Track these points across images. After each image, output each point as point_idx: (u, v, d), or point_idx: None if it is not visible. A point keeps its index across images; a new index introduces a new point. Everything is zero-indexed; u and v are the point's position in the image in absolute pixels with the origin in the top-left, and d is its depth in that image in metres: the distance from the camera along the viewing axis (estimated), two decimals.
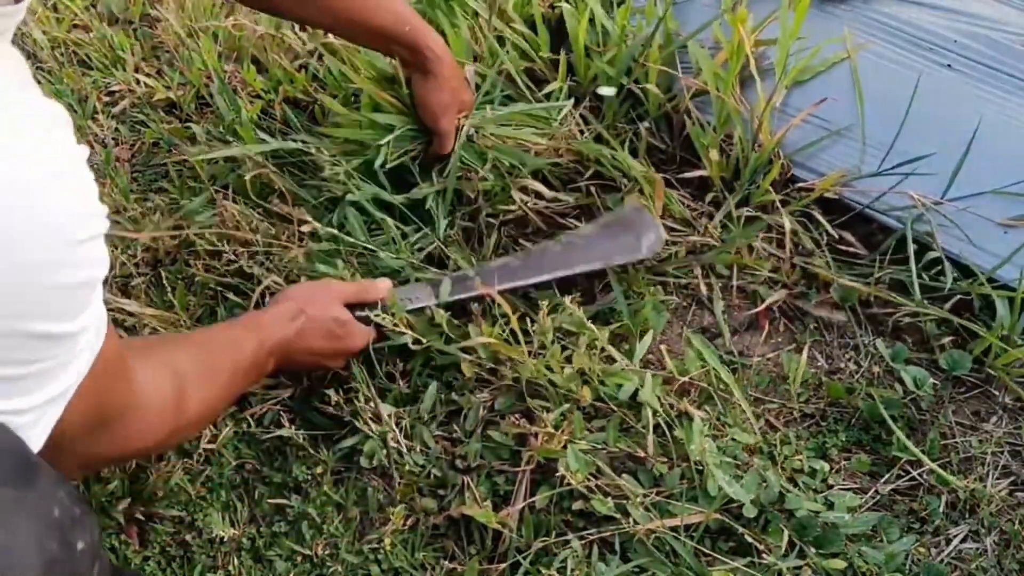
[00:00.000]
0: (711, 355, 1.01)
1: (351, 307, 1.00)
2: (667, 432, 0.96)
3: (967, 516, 0.95)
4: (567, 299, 1.02)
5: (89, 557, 0.57)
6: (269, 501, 0.98)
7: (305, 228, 1.12)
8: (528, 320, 1.05)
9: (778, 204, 1.13)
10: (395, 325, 0.99)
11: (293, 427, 0.99)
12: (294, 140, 1.20)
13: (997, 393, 1.03)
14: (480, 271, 1.07)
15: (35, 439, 0.57)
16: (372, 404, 0.99)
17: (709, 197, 1.18)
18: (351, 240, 1.11)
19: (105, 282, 0.60)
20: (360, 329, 0.99)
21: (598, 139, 1.21)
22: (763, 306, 1.10)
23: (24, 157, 0.49)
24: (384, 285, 1.03)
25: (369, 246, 1.11)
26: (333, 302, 0.98)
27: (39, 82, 1.36)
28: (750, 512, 0.89)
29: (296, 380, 1.04)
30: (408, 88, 1.16)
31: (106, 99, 1.43)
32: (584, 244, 1.08)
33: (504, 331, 1.00)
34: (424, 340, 0.99)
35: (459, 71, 1.15)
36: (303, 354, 0.96)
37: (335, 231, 1.11)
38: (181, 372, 0.78)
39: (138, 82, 1.41)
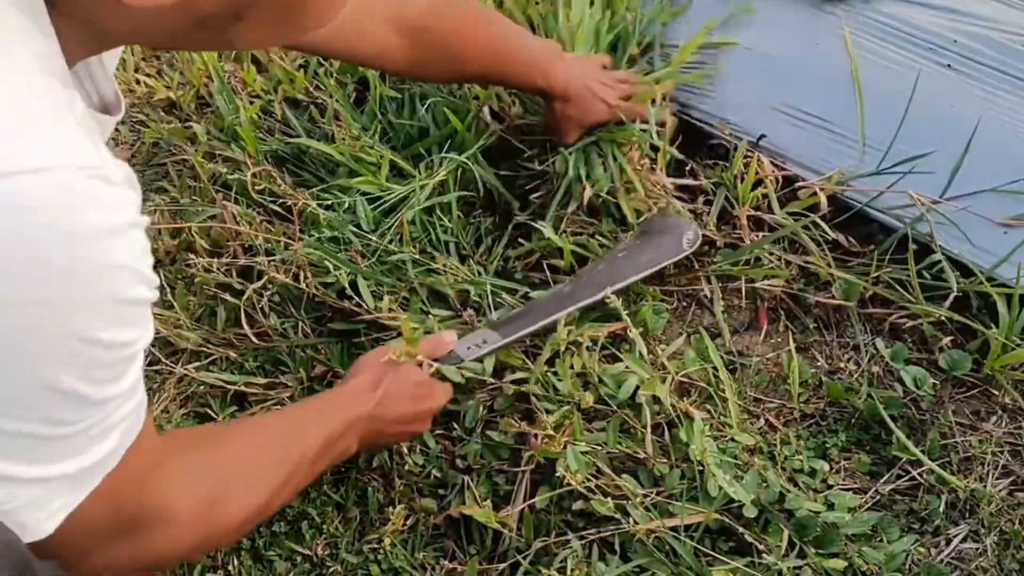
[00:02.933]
0: (714, 353, 1.01)
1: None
2: (667, 432, 0.96)
3: (967, 516, 0.95)
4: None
5: None
6: None
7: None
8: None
9: (775, 205, 1.13)
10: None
11: None
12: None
13: (997, 393, 1.03)
14: (535, 304, 1.05)
15: (44, 523, 0.54)
16: None
17: (701, 199, 1.18)
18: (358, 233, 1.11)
19: None
20: (440, 386, 0.95)
21: None
22: (763, 306, 1.10)
23: (110, 207, 0.48)
24: (450, 337, 0.99)
25: (372, 239, 1.11)
26: (408, 364, 0.93)
27: None
28: (750, 512, 0.89)
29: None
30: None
31: None
32: (628, 256, 1.09)
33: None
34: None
35: (587, 101, 1.14)
36: (390, 424, 0.90)
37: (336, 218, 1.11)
38: (223, 478, 0.71)
39: (138, 82, 1.41)
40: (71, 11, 0.50)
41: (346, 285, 1.06)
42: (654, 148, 1.18)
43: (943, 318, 1.04)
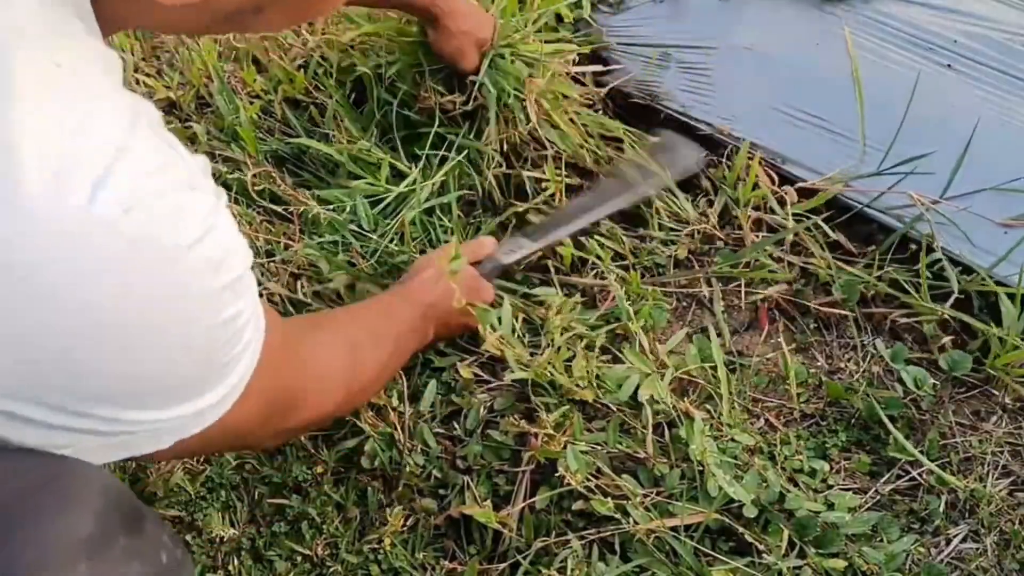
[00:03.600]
0: (716, 351, 1.01)
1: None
2: (667, 432, 0.96)
3: (967, 516, 0.95)
4: (571, 300, 1.02)
5: None
6: (269, 501, 0.98)
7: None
8: (525, 319, 1.05)
9: (775, 205, 1.13)
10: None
11: None
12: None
13: (997, 393, 1.03)
14: (562, 213, 1.13)
15: (185, 430, 0.57)
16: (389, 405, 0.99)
17: (703, 199, 1.18)
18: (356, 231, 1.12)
19: None
20: (486, 283, 1.05)
21: None
22: (763, 306, 1.10)
23: (198, 214, 0.50)
24: (490, 241, 1.09)
25: (374, 237, 1.11)
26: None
27: None
28: (750, 512, 0.89)
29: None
30: (425, 37, 1.19)
31: None
32: (643, 170, 1.16)
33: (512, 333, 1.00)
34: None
35: (474, 15, 1.16)
36: (453, 314, 0.98)
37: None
38: (351, 339, 0.83)
39: (138, 82, 1.41)
40: (101, 5, 0.51)
41: (341, 290, 1.06)
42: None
43: (946, 316, 1.04)
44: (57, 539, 0.46)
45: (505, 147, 1.19)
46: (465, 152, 1.18)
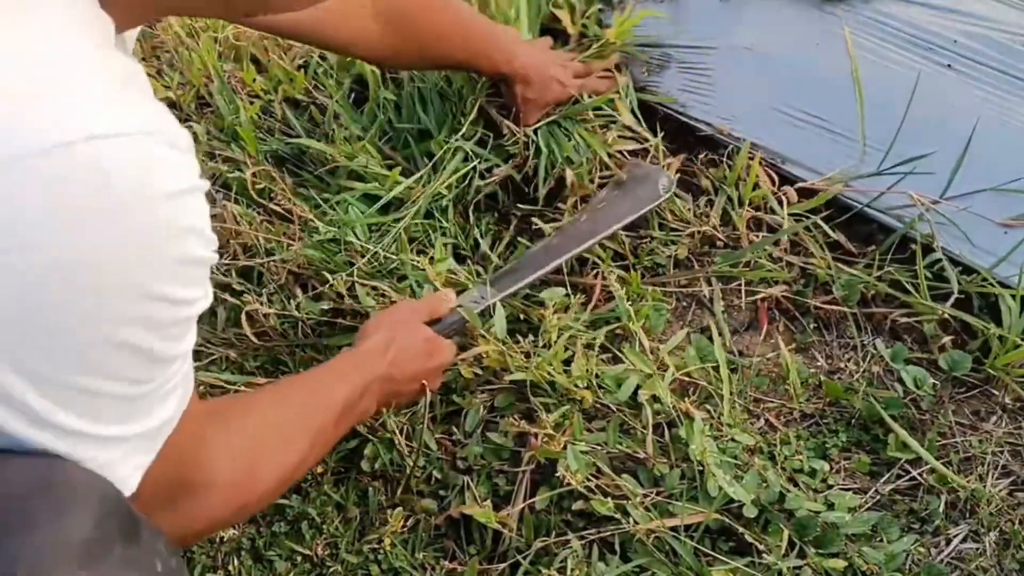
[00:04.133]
0: (719, 350, 1.01)
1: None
2: (667, 432, 0.96)
3: (967, 516, 0.95)
4: (570, 300, 1.02)
5: None
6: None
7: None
8: (525, 319, 1.05)
9: (775, 206, 1.13)
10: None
11: None
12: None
13: (997, 393, 1.03)
14: (526, 258, 1.11)
15: (128, 481, 0.54)
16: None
17: (704, 199, 1.18)
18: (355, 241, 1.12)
19: None
20: (446, 343, 0.98)
21: None
22: (763, 306, 1.10)
23: (180, 172, 0.49)
24: (449, 296, 1.03)
25: (369, 246, 1.11)
26: (415, 323, 0.97)
27: None
28: (750, 512, 0.89)
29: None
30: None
31: None
32: (608, 206, 1.15)
33: (505, 339, 1.00)
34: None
35: (545, 70, 1.19)
36: (404, 383, 0.93)
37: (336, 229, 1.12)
38: (257, 442, 0.72)
39: None
40: None
41: (343, 291, 1.07)
42: (612, 120, 1.22)
43: (946, 316, 1.04)
44: (54, 544, 0.46)
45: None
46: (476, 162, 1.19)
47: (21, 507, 0.46)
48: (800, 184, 1.16)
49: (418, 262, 1.10)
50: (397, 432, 0.97)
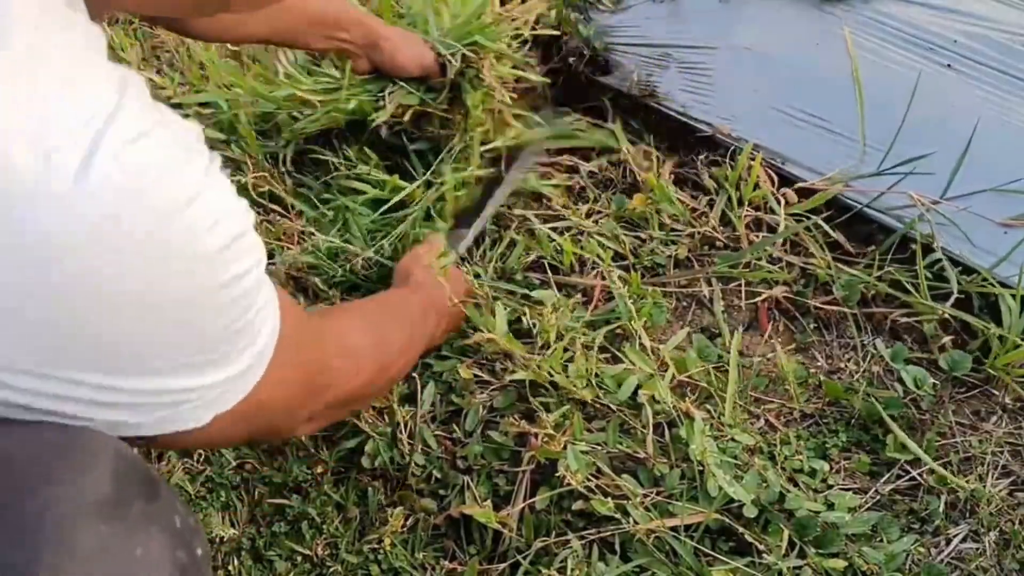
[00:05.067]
0: (730, 353, 1.01)
1: None
2: (667, 432, 0.96)
3: (967, 516, 0.95)
4: (570, 300, 1.02)
5: (207, 562, 0.58)
6: (269, 501, 0.98)
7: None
8: (523, 319, 1.05)
9: (775, 206, 1.13)
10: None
11: None
12: None
13: (997, 393, 1.03)
14: (477, 200, 1.19)
15: (221, 403, 0.57)
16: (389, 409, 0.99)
17: (704, 199, 1.18)
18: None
19: None
20: (464, 277, 1.08)
21: None
22: (763, 306, 1.10)
23: (189, 175, 0.50)
24: (439, 238, 1.11)
25: (370, 254, 1.11)
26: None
27: None
28: (750, 512, 0.89)
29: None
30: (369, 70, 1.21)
31: None
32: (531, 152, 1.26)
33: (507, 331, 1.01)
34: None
35: (400, 31, 1.21)
36: (452, 308, 1.00)
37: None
38: (373, 319, 0.85)
39: None
40: None
41: (341, 294, 1.07)
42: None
43: (947, 316, 1.04)
44: (77, 499, 0.47)
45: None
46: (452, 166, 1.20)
47: (42, 467, 0.48)
48: (800, 184, 1.16)
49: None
50: (400, 427, 0.97)
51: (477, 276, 1.11)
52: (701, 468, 0.91)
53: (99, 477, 0.49)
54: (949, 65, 1.24)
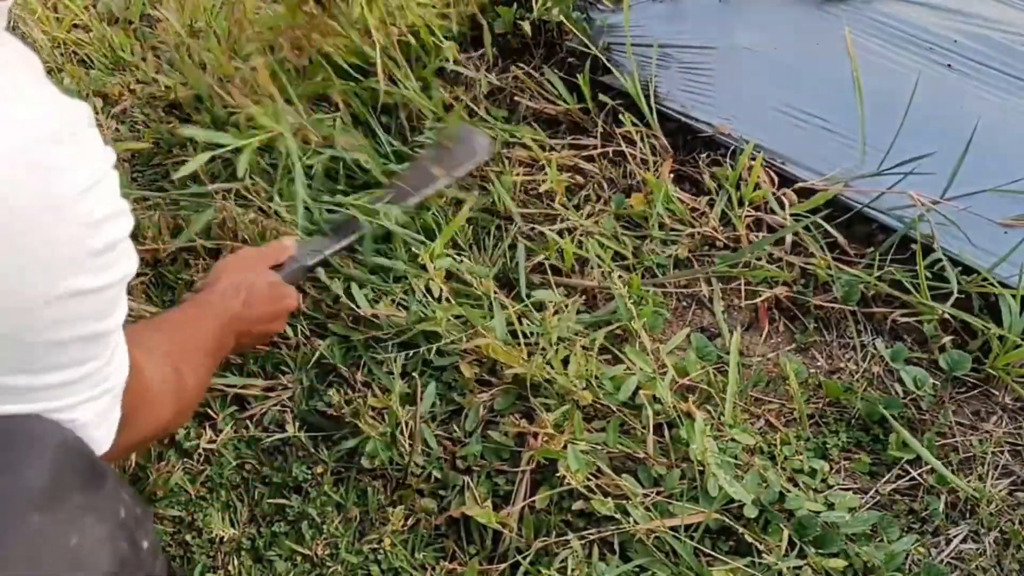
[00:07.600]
0: (733, 349, 1.01)
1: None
2: (667, 432, 0.96)
3: (967, 516, 0.95)
4: (568, 301, 1.02)
5: (152, 555, 0.58)
6: (269, 501, 0.98)
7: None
8: (524, 320, 1.05)
9: (775, 206, 1.13)
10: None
11: (296, 425, 0.99)
12: None
13: (997, 393, 1.03)
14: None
15: (102, 440, 0.57)
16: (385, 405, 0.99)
17: (704, 199, 1.18)
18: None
19: None
20: (290, 289, 1.04)
21: None
22: (763, 306, 1.10)
23: (70, 169, 0.49)
24: (290, 242, 1.08)
25: (374, 259, 1.11)
26: (261, 268, 1.02)
27: None
28: (750, 512, 0.89)
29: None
30: None
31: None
32: (430, 165, 1.20)
33: (504, 334, 1.00)
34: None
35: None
36: (255, 323, 0.97)
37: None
38: (168, 352, 0.78)
39: (139, 81, 1.41)
40: None
41: (340, 294, 1.07)
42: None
43: (947, 316, 1.04)
44: (10, 489, 0.48)
45: None
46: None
47: None
48: (800, 184, 1.16)
49: (419, 252, 1.10)
50: (400, 426, 0.97)
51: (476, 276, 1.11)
52: (701, 468, 0.91)
53: (38, 468, 0.50)
54: (949, 65, 1.24)
